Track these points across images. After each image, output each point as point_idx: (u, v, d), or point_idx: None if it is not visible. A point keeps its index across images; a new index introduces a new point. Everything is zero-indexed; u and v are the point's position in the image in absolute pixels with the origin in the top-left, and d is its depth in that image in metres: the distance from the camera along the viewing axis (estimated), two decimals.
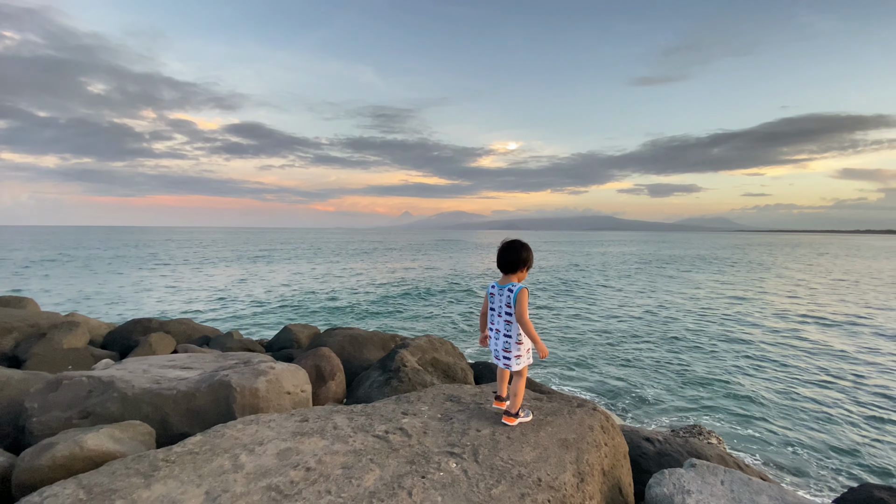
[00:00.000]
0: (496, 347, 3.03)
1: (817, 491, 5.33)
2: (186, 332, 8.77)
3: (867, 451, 6.41)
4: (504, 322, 2.93)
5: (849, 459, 6.18)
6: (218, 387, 3.62)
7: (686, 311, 17.24)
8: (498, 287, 3.01)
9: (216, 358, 4.82)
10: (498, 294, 2.98)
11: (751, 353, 11.29)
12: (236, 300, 19.31)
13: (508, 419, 3.04)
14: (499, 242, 3.13)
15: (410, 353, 5.80)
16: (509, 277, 3.00)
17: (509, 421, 3.03)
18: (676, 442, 4.05)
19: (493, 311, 3.03)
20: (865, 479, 5.68)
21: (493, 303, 3.03)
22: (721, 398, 8.50)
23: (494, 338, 3.02)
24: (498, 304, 2.98)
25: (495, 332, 3.00)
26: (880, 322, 15.28)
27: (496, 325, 2.99)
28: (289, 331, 8.68)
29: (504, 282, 3.01)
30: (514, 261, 2.97)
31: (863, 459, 6.18)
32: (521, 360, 2.96)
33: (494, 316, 3.01)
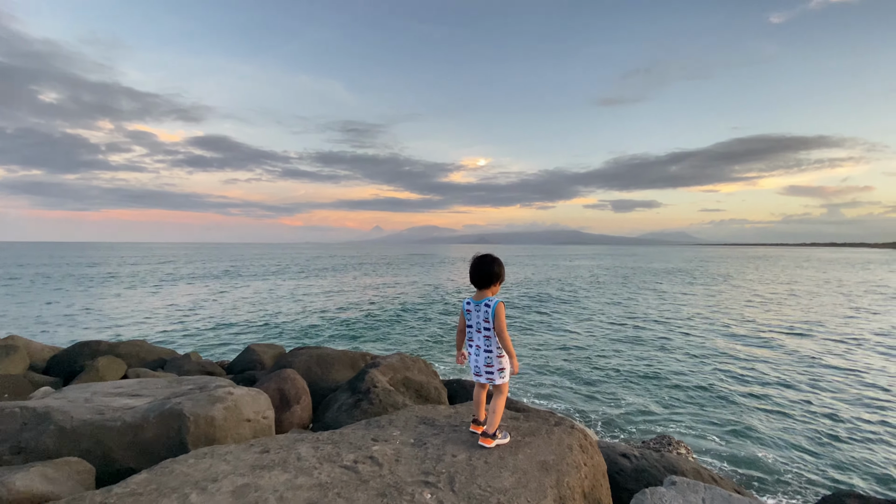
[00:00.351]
0: (476, 364, 2.93)
1: (790, 501, 5.40)
2: (139, 355, 8.21)
3: (836, 457, 6.60)
4: (483, 337, 2.89)
5: (818, 466, 6.34)
6: (169, 416, 3.32)
7: (652, 321, 17.65)
8: (474, 303, 2.94)
9: (170, 383, 4.47)
10: (475, 310, 2.92)
11: (715, 361, 11.60)
12: (197, 319, 18.39)
13: (485, 440, 2.92)
14: (470, 257, 3.06)
15: (381, 372, 5.58)
16: (484, 292, 2.95)
17: (486, 443, 2.91)
18: (653, 457, 4.00)
19: (470, 328, 2.96)
20: (836, 486, 5.82)
21: (469, 319, 2.96)
22: (687, 407, 8.63)
23: (475, 354, 2.94)
24: (476, 320, 2.91)
25: (475, 348, 2.93)
26: (840, 329, 16.10)
27: (475, 341, 2.93)
28: (251, 351, 8.26)
29: (479, 297, 2.95)
30: (487, 275, 2.93)
31: (832, 466, 6.35)
32: (504, 374, 2.90)
33: (472, 332, 2.94)
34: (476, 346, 2.92)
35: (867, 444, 6.99)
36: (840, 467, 6.31)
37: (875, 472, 6.18)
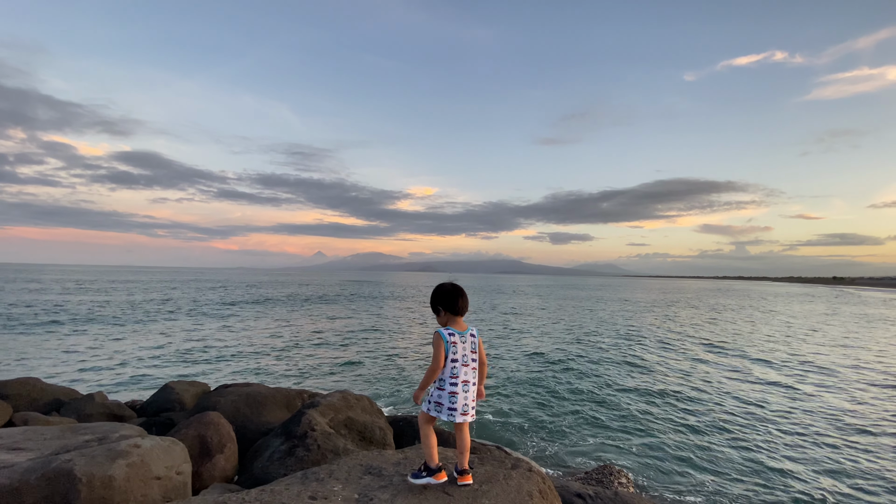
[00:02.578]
0: (465, 402, 2.67)
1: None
2: (31, 396, 7.04)
3: (773, 475, 6.91)
4: (472, 371, 2.72)
5: (757, 484, 6.59)
6: (55, 477, 2.72)
7: (583, 348, 18.19)
8: (459, 333, 2.72)
9: (62, 433, 3.75)
10: (461, 341, 2.70)
11: (644, 384, 12.02)
12: (106, 352, 16.35)
13: (467, 478, 2.82)
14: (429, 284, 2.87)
15: (321, 413, 5.11)
16: (460, 322, 2.79)
17: (468, 479, 2.82)
18: (607, 496, 3.89)
19: (456, 363, 2.67)
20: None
21: (455, 352, 2.67)
22: (620, 432, 8.78)
23: (463, 391, 2.67)
24: (462, 353, 2.69)
25: (463, 384, 2.67)
26: (767, 351, 17.43)
27: (463, 376, 2.68)
28: (170, 389, 7.36)
29: (463, 327, 2.77)
30: (467, 304, 2.83)
31: (770, 483, 6.63)
32: None
33: (459, 367, 2.67)
34: (464, 381, 2.68)
35: (803, 463, 7.41)
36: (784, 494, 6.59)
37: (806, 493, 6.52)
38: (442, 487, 2.82)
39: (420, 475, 2.78)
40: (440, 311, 2.75)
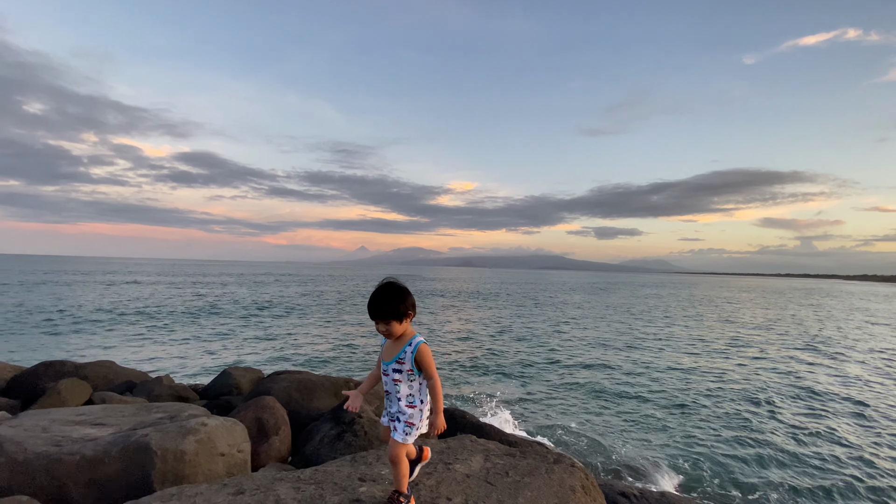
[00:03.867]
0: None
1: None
2: (107, 377, 7.74)
3: (828, 482, 6.49)
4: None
5: (813, 493, 6.21)
6: (133, 450, 3.02)
7: (627, 347, 17.62)
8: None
9: (137, 411, 4.13)
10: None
11: (701, 384, 11.51)
12: (170, 339, 17.65)
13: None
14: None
15: (367, 401, 5.31)
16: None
17: None
18: (653, 496, 3.81)
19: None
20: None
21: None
22: (671, 434, 8.48)
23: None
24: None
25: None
26: (850, 352, 16.28)
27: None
28: (228, 375, 7.86)
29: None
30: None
31: (828, 493, 6.24)
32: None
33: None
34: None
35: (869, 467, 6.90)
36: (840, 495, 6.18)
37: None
38: (485, 477, 2.88)
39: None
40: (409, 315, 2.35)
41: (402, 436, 2.31)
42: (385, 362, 2.37)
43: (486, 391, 11.21)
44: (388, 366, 2.35)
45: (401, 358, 2.32)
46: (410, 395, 2.34)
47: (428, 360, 2.33)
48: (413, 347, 2.32)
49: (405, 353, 2.32)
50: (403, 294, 2.35)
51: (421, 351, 2.32)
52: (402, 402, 2.33)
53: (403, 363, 2.31)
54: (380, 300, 2.30)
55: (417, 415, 2.35)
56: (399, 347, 2.34)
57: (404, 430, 2.31)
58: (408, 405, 2.33)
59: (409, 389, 2.33)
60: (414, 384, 2.34)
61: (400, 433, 2.31)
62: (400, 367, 2.32)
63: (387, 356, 2.38)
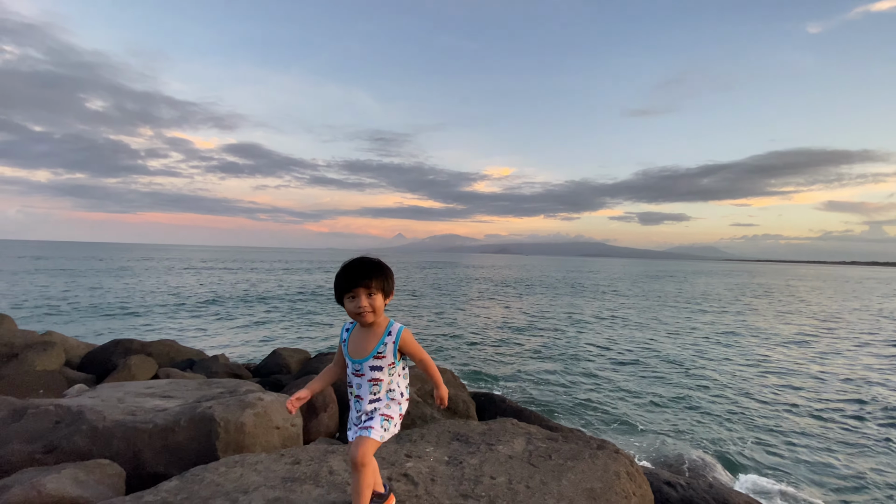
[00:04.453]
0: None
1: None
2: (169, 355, 8.32)
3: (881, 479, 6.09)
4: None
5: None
6: (199, 420, 3.26)
7: (675, 336, 17.00)
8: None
9: (200, 385, 4.45)
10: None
11: (757, 378, 11.00)
12: (222, 320, 18.73)
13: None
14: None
15: (409, 382, 5.46)
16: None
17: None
18: (700, 486, 3.73)
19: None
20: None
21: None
22: (712, 424, 8.17)
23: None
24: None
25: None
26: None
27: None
28: (278, 355, 8.27)
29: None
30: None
31: None
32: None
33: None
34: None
35: None
36: None
37: None
38: (528, 459, 2.92)
39: None
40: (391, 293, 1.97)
41: (380, 431, 1.88)
42: (357, 360, 1.92)
43: (524, 378, 11.21)
44: (364, 363, 1.91)
45: (380, 352, 1.90)
46: (391, 389, 1.97)
47: (415, 345, 1.97)
48: (395, 336, 1.92)
49: (385, 346, 1.91)
50: (385, 264, 1.94)
51: (405, 339, 1.94)
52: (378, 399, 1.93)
53: (383, 356, 1.91)
54: (368, 264, 1.87)
55: (396, 407, 1.97)
56: (375, 339, 1.91)
57: (381, 425, 1.89)
58: (389, 399, 1.96)
59: (390, 384, 1.96)
60: (394, 376, 1.97)
61: (377, 428, 1.87)
62: (380, 364, 1.91)
63: (359, 352, 1.93)
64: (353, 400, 2.00)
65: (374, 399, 1.93)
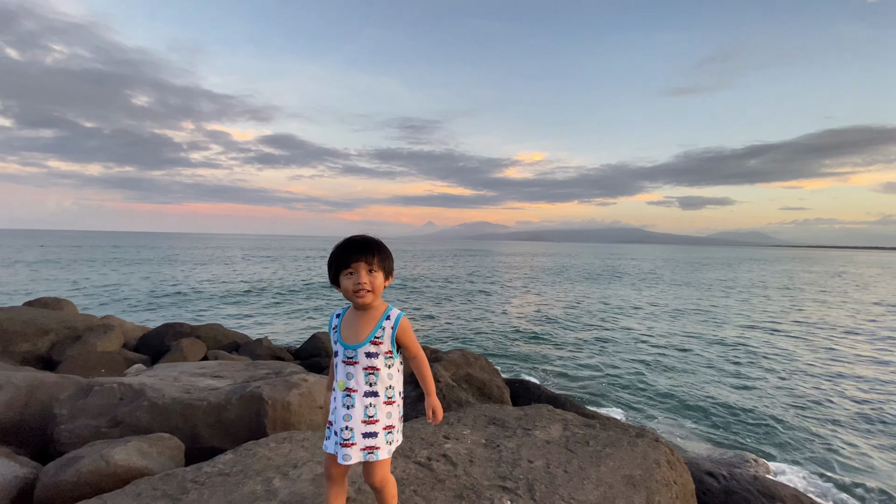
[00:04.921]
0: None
1: None
2: (216, 338, 8.76)
3: None
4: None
5: None
6: (249, 399, 3.45)
7: (719, 327, 16.37)
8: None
9: (247, 367, 4.68)
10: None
11: (787, 367, 10.50)
12: (264, 306, 19.52)
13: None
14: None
15: (443, 367, 5.54)
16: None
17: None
18: (744, 478, 3.64)
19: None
20: None
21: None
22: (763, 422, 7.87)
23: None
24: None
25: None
26: None
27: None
28: (317, 339, 8.57)
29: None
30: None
31: None
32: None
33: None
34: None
35: None
36: None
37: None
38: (565, 444, 2.93)
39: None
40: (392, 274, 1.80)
41: (388, 448, 1.71)
42: (351, 346, 1.70)
43: (558, 365, 11.15)
44: (359, 349, 1.69)
45: (377, 337, 1.70)
46: (390, 386, 1.73)
47: (412, 336, 1.80)
48: (394, 321, 1.73)
49: (382, 330, 1.71)
50: (388, 248, 1.78)
51: (404, 326, 1.75)
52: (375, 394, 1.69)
53: (380, 342, 1.70)
54: (370, 239, 1.72)
55: (396, 411, 1.78)
56: (372, 323, 1.72)
57: (386, 440, 1.70)
58: (386, 401, 1.72)
59: (389, 379, 1.73)
60: (392, 370, 1.75)
61: (383, 447, 1.69)
62: (375, 350, 1.69)
63: (352, 337, 1.71)
64: (340, 396, 1.70)
65: (371, 392, 1.68)
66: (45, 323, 7.01)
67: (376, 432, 1.68)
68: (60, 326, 7.08)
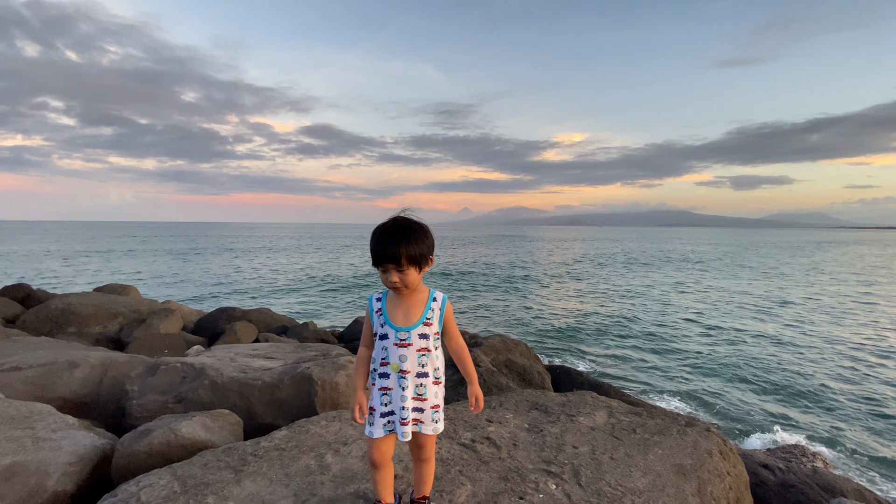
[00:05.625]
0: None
1: None
2: (266, 321, 9.20)
3: None
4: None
5: None
6: (300, 379, 3.62)
7: (764, 309, 15.45)
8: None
9: (296, 349, 4.89)
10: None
11: (855, 358, 9.79)
12: (309, 291, 20.25)
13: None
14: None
15: (484, 352, 5.57)
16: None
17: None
18: (803, 471, 3.47)
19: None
20: None
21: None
22: (817, 411, 7.42)
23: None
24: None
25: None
26: None
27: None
28: (359, 323, 8.82)
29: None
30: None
31: None
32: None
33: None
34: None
35: None
36: None
37: None
38: (610, 431, 2.89)
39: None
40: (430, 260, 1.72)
41: (434, 425, 1.77)
42: (404, 328, 1.69)
43: (599, 352, 10.95)
44: (412, 331, 1.69)
45: (428, 318, 1.71)
46: (437, 367, 1.77)
47: (453, 319, 1.81)
48: (440, 303, 1.74)
49: (432, 311, 1.72)
50: (427, 230, 1.71)
51: (448, 307, 1.78)
52: (426, 374, 1.72)
53: (431, 323, 1.71)
54: (403, 234, 1.62)
55: (441, 393, 1.81)
56: (420, 306, 1.72)
57: (433, 419, 1.76)
58: (434, 381, 1.76)
59: (437, 360, 1.76)
60: (439, 352, 1.78)
61: (429, 424, 1.75)
62: (427, 332, 1.70)
63: (404, 319, 1.71)
64: (396, 378, 1.70)
65: (422, 373, 1.71)
66: (114, 307, 7.60)
67: (424, 408, 1.74)
68: (127, 310, 7.65)
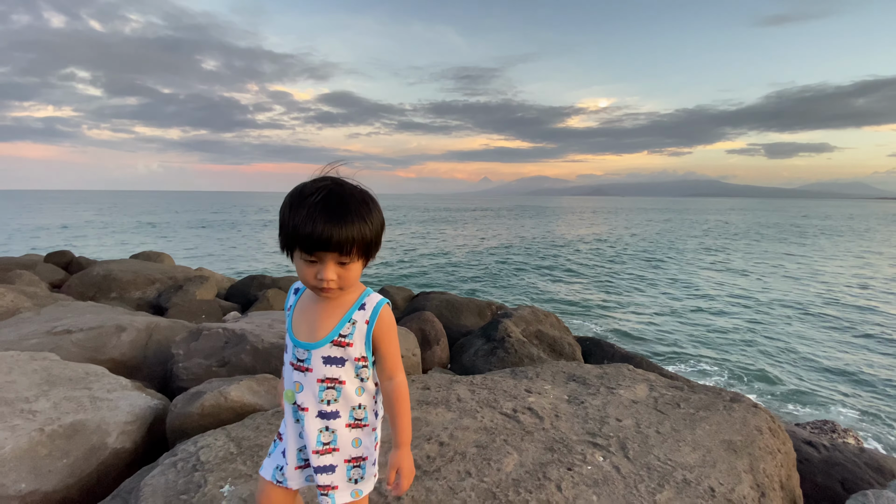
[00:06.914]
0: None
1: None
2: None
3: None
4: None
5: None
6: None
7: (796, 282, 14.96)
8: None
9: None
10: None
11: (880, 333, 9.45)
12: None
13: None
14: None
15: (514, 323, 5.56)
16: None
17: None
18: (849, 450, 3.38)
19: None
20: None
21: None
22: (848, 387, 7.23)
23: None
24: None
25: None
26: None
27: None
28: (386, 292, 8.89)
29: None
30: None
31: None
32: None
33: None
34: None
35: None
36: None
37: None
38: (653, 405, 2.84)
39: None
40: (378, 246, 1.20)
41: (349, 488, 1.19)
42: (303, 345, 1.16)
43: (628, 325, 10.85)
44: (314, 351, 1.15)
45: (342, 335, 1.15)
46: (359, 405, 1.20)
47: (394, 339, 1.21)
48: (371, 313, 1.18)
49: (352, 325, 1.16)
50: (377, 203, 1.17)
51: (384, 319, 1.19)
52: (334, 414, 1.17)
53: (348, 344, 1.15)
54: (353, 209, 1.07)
55: (370, 441, 1.24)
56: (338, 313, 1.17)
57: (350, 476, 1.19)
58: (351, 424, 1.19)
59: (358, 396, 1.19)
60: (367, 384, 1.22)
61: (342, 487, 1.18)
62: (341, 355, 1.15)
63: (307, 331, 1.18)
64: (290, 410, 1.21)
65: (328, 413, 1.17)
66: (151, 273, 7.84)
67: (334, 466, 1.17)
68: (164, 276, 7.89)
